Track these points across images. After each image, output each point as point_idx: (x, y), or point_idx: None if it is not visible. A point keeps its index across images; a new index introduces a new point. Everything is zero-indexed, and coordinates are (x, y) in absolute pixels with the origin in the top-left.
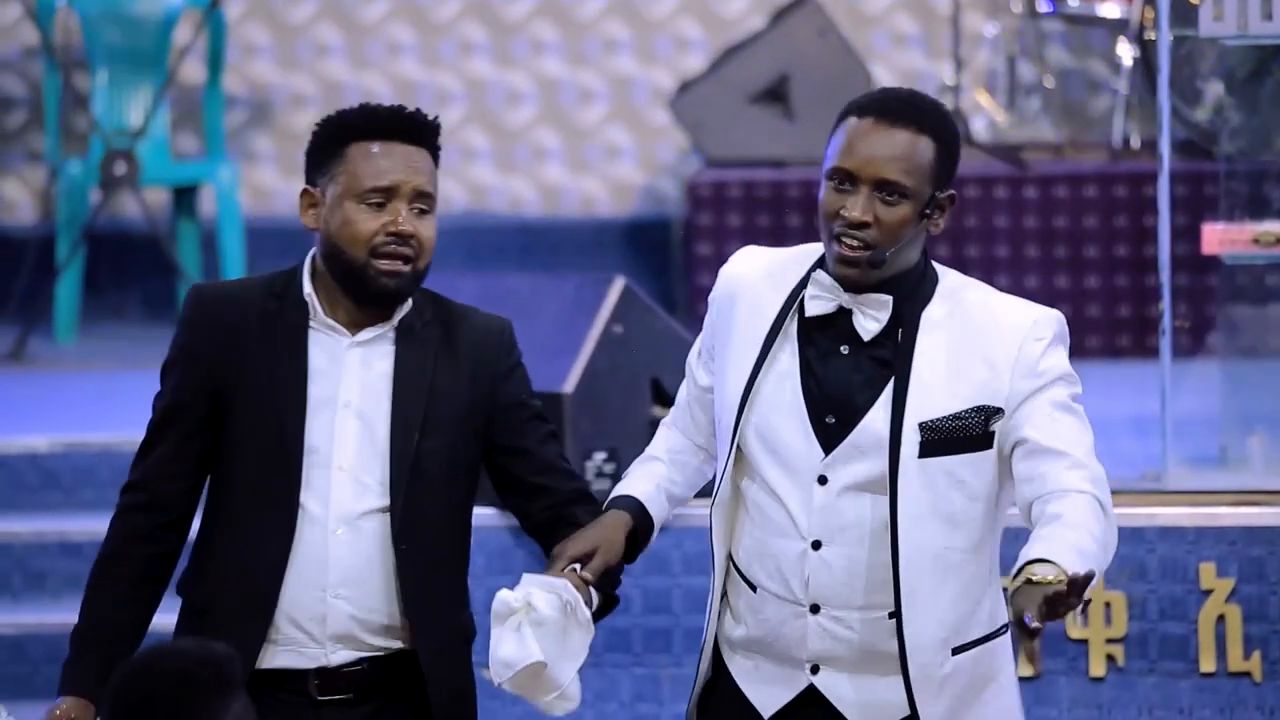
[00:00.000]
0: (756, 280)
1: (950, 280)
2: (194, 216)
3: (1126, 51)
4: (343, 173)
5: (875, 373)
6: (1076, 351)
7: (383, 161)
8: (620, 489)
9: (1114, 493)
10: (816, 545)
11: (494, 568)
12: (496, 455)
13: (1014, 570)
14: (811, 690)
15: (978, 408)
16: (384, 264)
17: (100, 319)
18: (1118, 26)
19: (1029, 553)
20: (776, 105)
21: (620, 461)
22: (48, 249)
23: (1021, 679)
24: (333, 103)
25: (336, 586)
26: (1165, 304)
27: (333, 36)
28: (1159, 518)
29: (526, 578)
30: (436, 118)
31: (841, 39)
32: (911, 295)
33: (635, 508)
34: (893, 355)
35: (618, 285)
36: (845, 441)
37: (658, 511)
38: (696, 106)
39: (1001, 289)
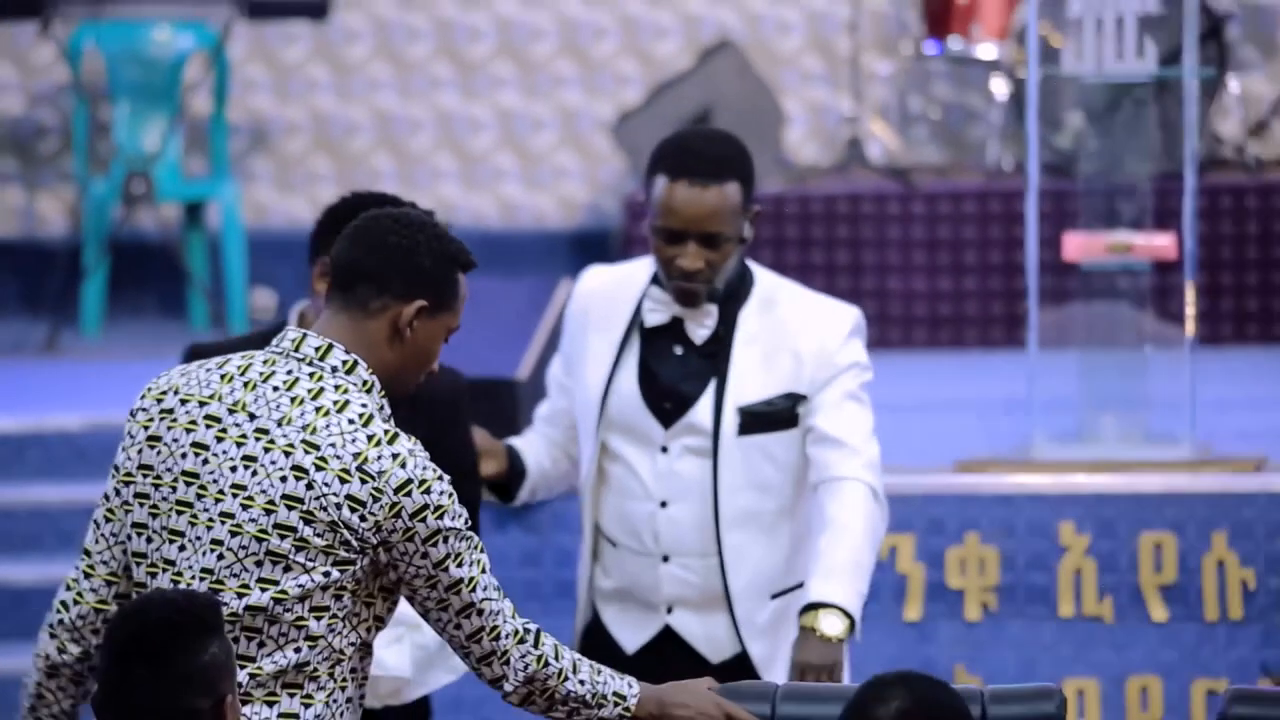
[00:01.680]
0: (602, 296)
1: (765, 282)
2: (202, 229)
3: (1000, 87)
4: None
5: (703, 367)
6: (957, 344)
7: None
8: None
9: (988, 463)
10: (663, 504)
11: None
12: None
13: (802, 607)
14: (667, 629)
15: (787, 394)
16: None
17: (121, 316)
18: (993, 66)
19: (815, 590)
20: None
21: None
22: (76, 256)
23: (906, 623)
24: (322, 130)
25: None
26: (1032, 303)
27: (322, 74)
28: (1026, 485)
29: None
30: None
31: (757, 77)
32: (732, 299)
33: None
34: (718, 349)
35: (564, 287)
36: (680, 421)
37: (533, 469)
38: (634, 133)
39: (893, 292)
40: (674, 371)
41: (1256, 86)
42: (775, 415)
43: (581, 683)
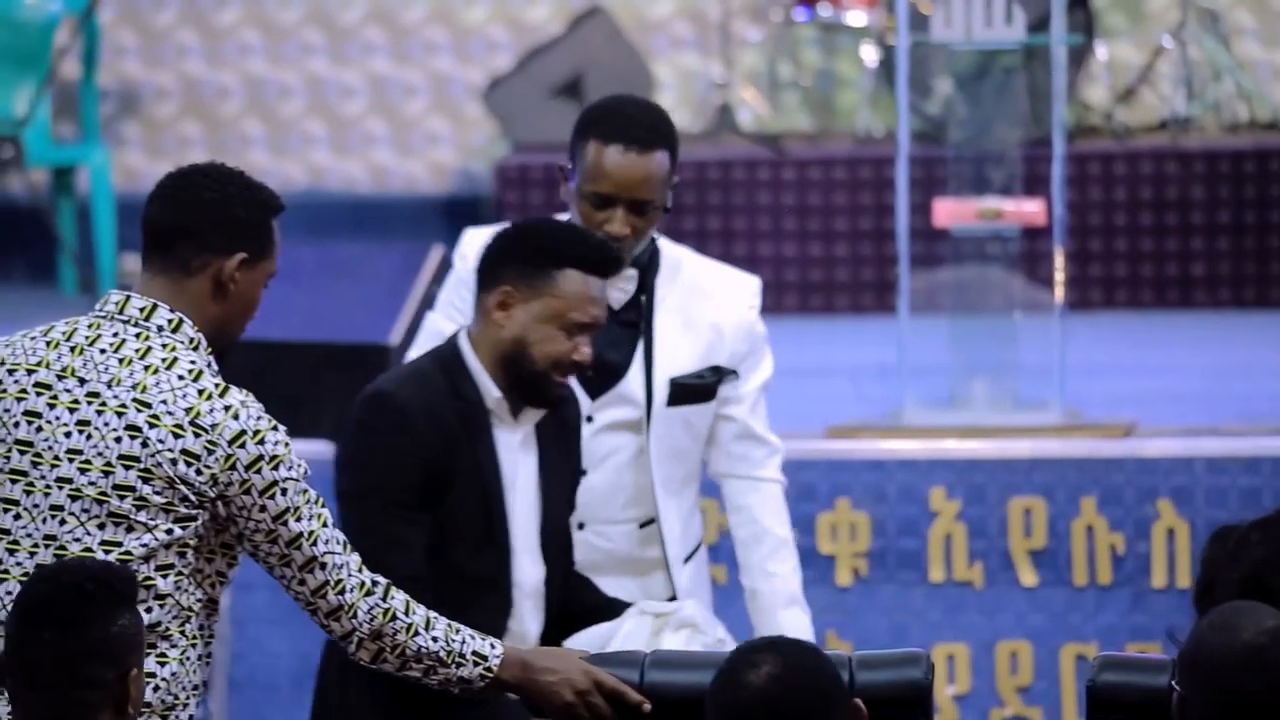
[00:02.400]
0: None
1: (668, 249)
2: (71, 194)
3: (870, 54)
4: (552, 295)
5: (623, 335)
6: (828, 310)
7: (592, 305)
8: None
9: (859, 429)
10: (584, 473)
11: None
12: None
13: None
14: None
15: (714, 368)
16: (559, 381)
17: None
18: (862, 33)
19: (793, 623)
20: (573, 99)
21: None
22: None
23: None
24: (192, 95)
25: None
26: (902, 268)
27: (191, 39)
28: (897, 451)
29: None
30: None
31: (627, 43)
32: (648, 266)
33: None
34: (638, 318)
35: (436, 253)
36: (611, 391)
37: None
38: (505, 100)
39: (764, 258)
40: (596, 340)
41: (1124, 53)
42: (703, 388)
43: (435, 639)
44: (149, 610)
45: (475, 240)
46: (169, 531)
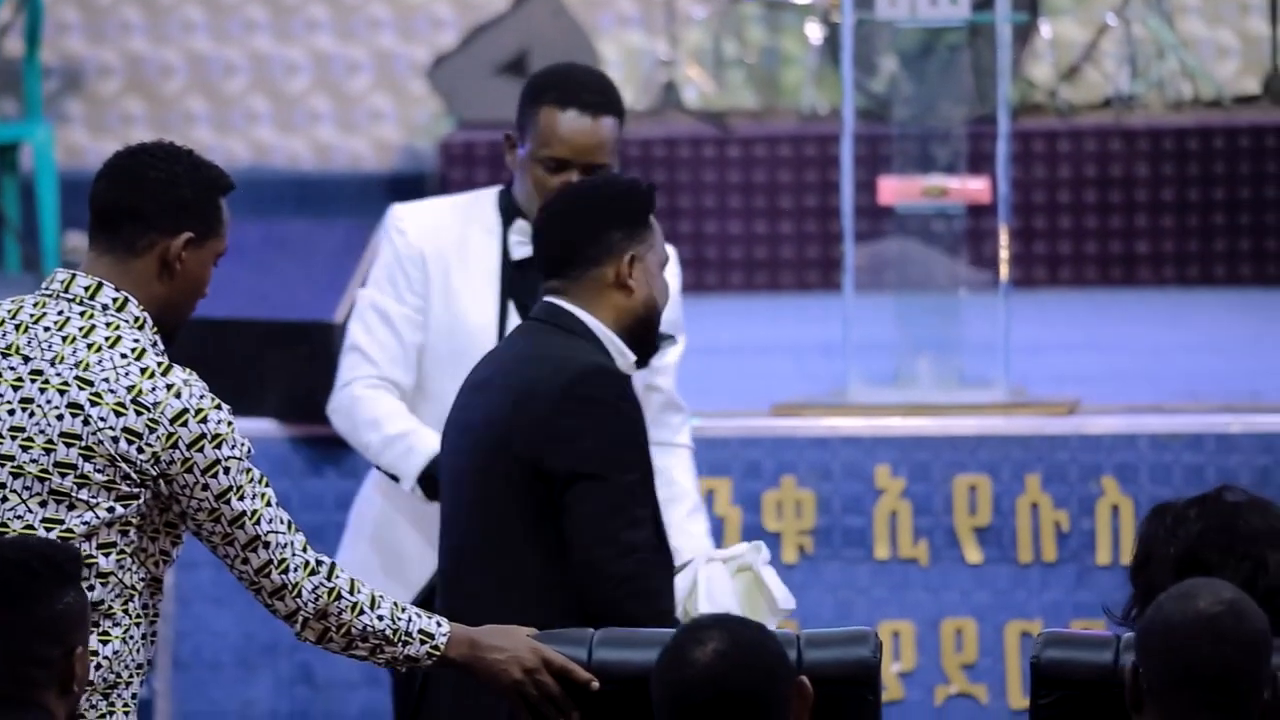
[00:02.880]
0: (446, 232)
1: None
2: (15, 171)
3: (815, 32)
4: (653, 247)
5: None
6: (772, 288)
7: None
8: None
9: (804, 407)
10: None
11: (273, 473)
12: None
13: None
14: None
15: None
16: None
17: None
18: (807, 10)
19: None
20: (518, 76)
21: None
22: None
23: None
24: (135, 72)
25: None
26: (848, 246)
27: (135, 16)
28: (842, 428)
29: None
30: None
31: (572, 20)
32: None
33: None
34: None
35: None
36: None
37: None
38: (449, 77)
39: (709, 235)
40: None
41: (1068, 31)
42: None
43: (380, 618)
44: (91, 588)
45: (414, 216)
46: (111, 510)
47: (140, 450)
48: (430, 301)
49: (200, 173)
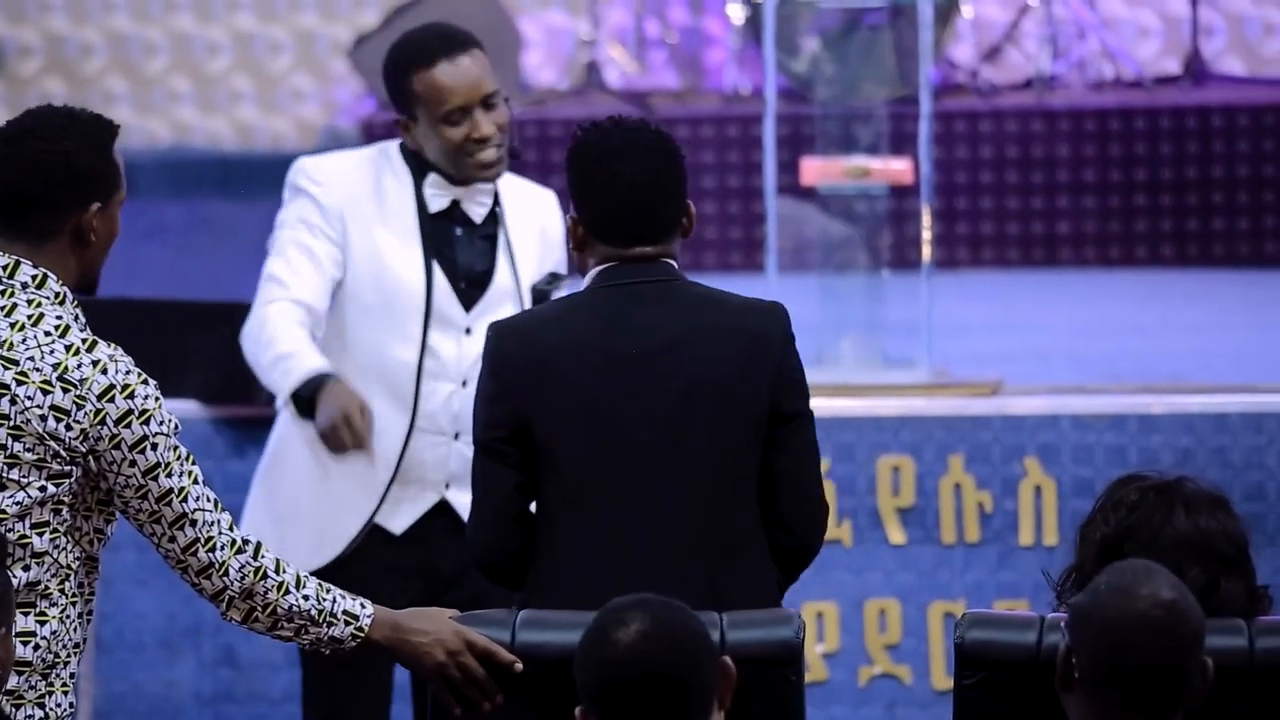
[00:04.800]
0: (359, 185)
1: None
2: None
3: (737, 12)
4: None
5: (485, 247)
6: (695, 268)
7: None
8: (315, 366)
9: None
10: (464, 384)
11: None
12: None
13: None
14: (442, 503)
15: (551, 273)
16: None
17: None
18: None
19: None
20: None
21: None
22: None
23: None
24: (54, 52)
25: None
26: (770, 227)
27: None
28: None
29: None
30: None
31: (494, 0)
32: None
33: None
34: (494, 229)
35: None
36: (481, 300)
37: None
38: (371, 57)
39: None
40: (463, 253)
41: (989, 12)
42: (547, 295)
43: (306, 598)
44: (26, 569)
45: (327, 169)
46: (42, 489)
47: (69, 428)
48: (351, 253)
49: (89, 135)
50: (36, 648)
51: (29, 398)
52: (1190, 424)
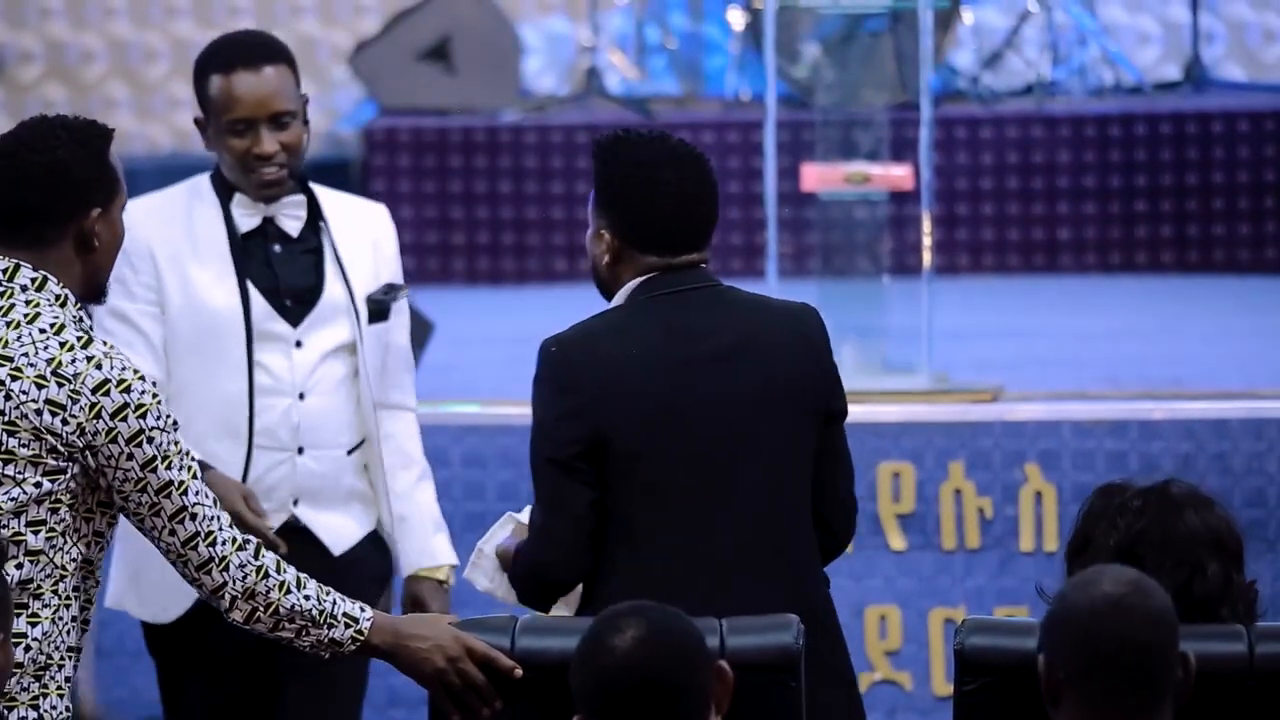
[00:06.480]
0: (162, 225)
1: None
2: None
3: (738, 18)
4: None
5: (308, 260)
6: None
7: None
8: None
9: None
10: (301, 396)
11: None
12: None
13: (425, 566)
14: (292, 522)
15: (389, 285)
16: None
17: None
18: None
19: (442, 551)
20: (440, 62)
21: None
22: None
23: None
24: (55, 58)
25: None
26: (771, 233)
27: (55, 1)
28: None
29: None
30: None
31: (494, 6)
32: (309, 193)
33: None
34: (317, 243)
35: None
36: (311, 314)
37: None
38: (371, 63)
39: None
40: (284, 270)
41: (990, 18)
42: (386, 306)
43: (307, 598)
44: (19, 566)
45: (135, 212)
46: (38, 485)
47: (64, 422)
48: (166, 294)
49: (81, 144)
50: (28, 649)
51: (23, 392)
52: (1191, 430)
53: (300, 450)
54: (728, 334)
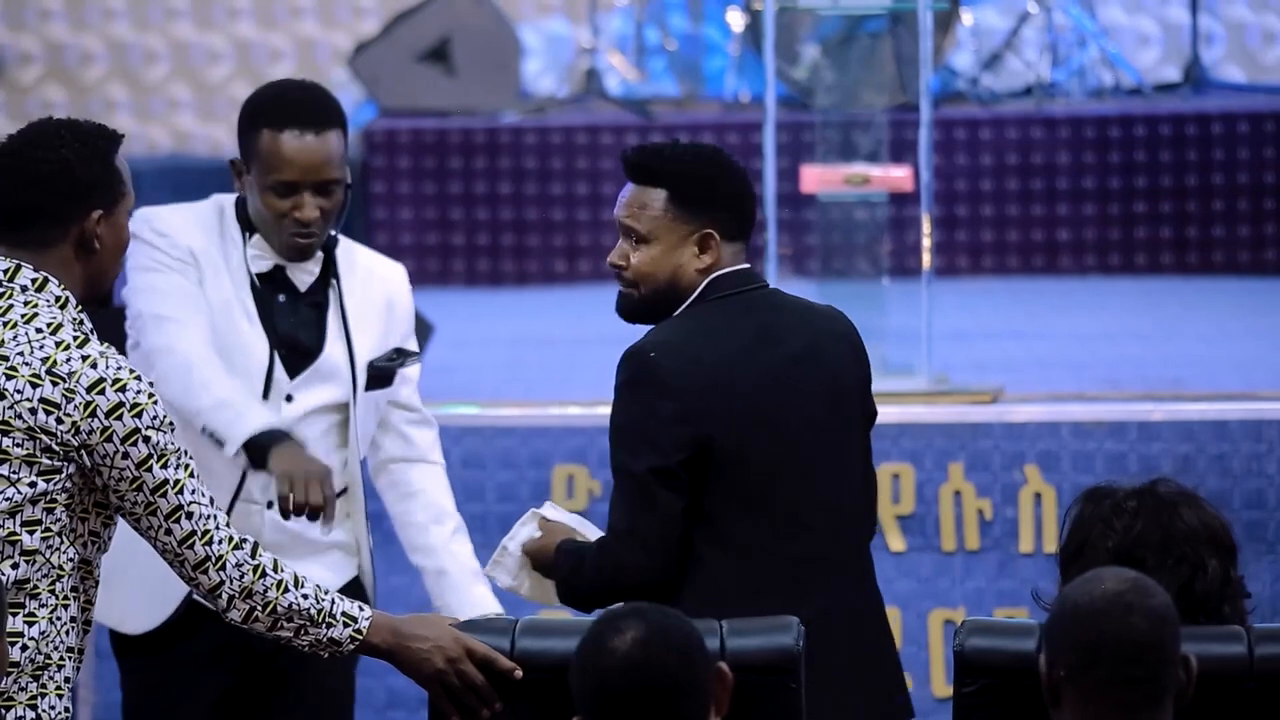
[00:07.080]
0: (198, 239)
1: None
2: None
3: (737, 19)
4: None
5: (311, 315)
6: None
7: None
8: (270, 420)
9: None
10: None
11: None
12: None
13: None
14: None
15: (397, 349)
16: None
17: None
18: None
19: (481, 599)
20: (440, 64)
21: None
22: None
23: None
24: (55, 60)
25: None
26: (771, 234)
27: (55, 3)
28: None
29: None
30: None
31: (494, 7)
32: (332, 248)
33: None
34: (324, 300)
35: None
36: (309, 370)
37: None
38: (371, 64)
39: None
40: (284, 320)
41: (989, 19)
42: (390, 372)
43: (305, 596)
44: (15, 566)
45: (174, 220)
46: (33, 484)
47: (59, 421)
48: (207, 298)
49: (88, 145)
50: (24, 648)
51: (18, 391)
52: (1190, 431)
53: (270, 505)
54: (798, 337)
